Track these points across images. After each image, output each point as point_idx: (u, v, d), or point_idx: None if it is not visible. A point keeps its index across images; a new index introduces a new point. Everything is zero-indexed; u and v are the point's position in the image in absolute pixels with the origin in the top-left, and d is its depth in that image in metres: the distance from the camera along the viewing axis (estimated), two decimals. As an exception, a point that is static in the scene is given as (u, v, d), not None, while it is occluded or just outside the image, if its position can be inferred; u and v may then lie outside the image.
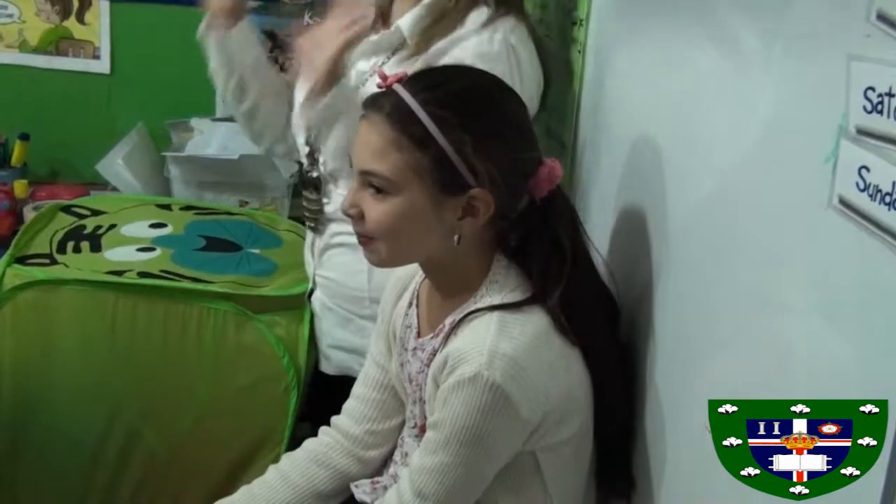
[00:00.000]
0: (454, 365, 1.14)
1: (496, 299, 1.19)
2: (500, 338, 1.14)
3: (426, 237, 1.20)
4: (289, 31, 2.54)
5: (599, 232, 1.46)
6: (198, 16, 2.53)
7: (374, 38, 1.58)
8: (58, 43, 2.59)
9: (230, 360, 1.69)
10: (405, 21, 1.54)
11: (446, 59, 1.48)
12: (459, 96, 1.19)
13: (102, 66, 2.60)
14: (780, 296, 0.89)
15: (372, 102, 1.20)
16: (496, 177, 1.16)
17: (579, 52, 1.66)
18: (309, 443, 1.43)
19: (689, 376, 1.12)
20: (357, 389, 1.42)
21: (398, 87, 1.18)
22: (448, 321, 1.22)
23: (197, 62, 2.56)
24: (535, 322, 1.17)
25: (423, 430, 1.25)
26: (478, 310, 1.18)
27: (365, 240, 1.22)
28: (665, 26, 1.27)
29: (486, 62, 1.42)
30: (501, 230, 1.23)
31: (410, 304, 1.33)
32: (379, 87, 1.21)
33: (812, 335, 0.83)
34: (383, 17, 1.63)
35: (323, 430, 1.43)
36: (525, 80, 1.52)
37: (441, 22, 1.51)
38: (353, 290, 1.63)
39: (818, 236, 0.81)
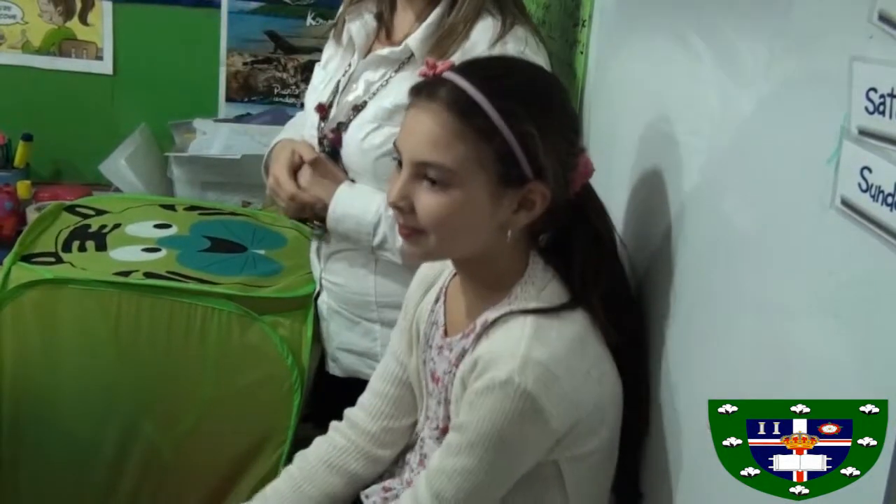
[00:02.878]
0: (485, 368, 1.11)
1: (531, 303, 1.15)
2: (534, 343, 1.10)
3: (478, 231, 1.15)
4: (292, 32, 2.55)
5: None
6: (199, 16, 2.55)
7: (382, 51, 1.57)
8: (61, 44, 2.59)
9: (234, 361, 1.69)
10: (414, 40, 1.53)
11: None
12: (521, 87, 1.15)
13: (105, 66, 2.60)
14: (782, 297, 0.89)
15: (424, 90, 1.15)
16: (554, 168, 1.14)
17: (581, 52, 1.67)
18: (322, 443, 1.40)
19: (694, 382, 1.11)
20: (374, 384, 1.40)
21: (454, 77, 1.13)
22: (479, 321, 1.18)
23: (199, 63, 2.59)
24: (573, 327, 1.14)
25: (444, 431, 1.23)
26: (511, 312, 1.15)
27: (410, 232, 1.17)
28: (667, 27, 1.27)
29: None
30: (535, 228, 1.19)
31: (437, 301, 1.30)
32: (423, 75, 1.18)
33: (814, 335, 0.83)
34: (387, 29, 1.62)
35: (336, 427, 1.40)
36: None
37: (450, 37, 1.50)
38: (360, 295, 1.63)
39: (820, 237, 0.82)
